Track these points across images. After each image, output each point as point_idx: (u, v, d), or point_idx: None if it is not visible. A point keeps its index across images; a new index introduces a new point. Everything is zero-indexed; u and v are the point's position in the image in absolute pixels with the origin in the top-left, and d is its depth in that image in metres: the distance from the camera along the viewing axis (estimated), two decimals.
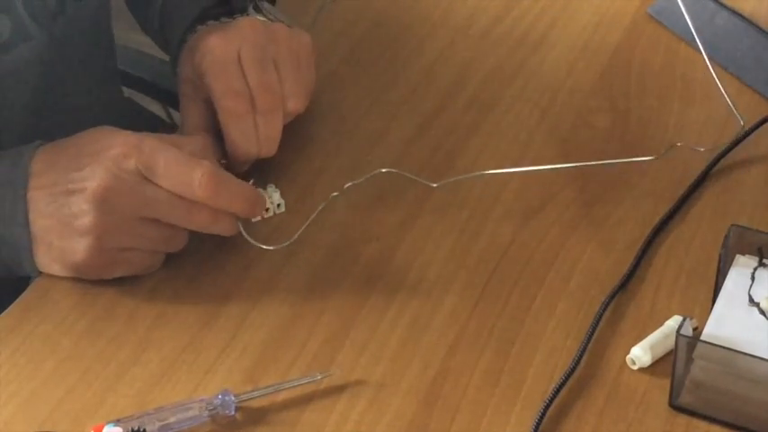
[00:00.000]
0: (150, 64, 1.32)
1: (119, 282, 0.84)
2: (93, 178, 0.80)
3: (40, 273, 0.84)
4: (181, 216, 0.82)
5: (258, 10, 1.01)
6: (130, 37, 1.20)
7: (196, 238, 0.89)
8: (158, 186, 0.80)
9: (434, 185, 0.93)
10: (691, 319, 0.78)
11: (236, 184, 0.83)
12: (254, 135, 0.89)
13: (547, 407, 0.76)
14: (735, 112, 1.01)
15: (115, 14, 1.10)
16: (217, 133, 0.90)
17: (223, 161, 0.89)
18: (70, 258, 0.81)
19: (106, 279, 0.84)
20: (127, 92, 1.33)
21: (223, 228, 0.84)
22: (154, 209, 0.81)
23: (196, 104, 0.92)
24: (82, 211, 0.80)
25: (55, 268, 0.83)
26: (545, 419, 0.76)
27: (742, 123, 1.00)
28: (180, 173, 0.80)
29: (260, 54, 0.89)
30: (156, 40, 1.08)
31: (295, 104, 0.91)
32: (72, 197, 0.80)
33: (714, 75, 1.05)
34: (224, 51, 0.89)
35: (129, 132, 0.82)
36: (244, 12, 0.99)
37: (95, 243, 0.80)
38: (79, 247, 0.81)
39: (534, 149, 0.99)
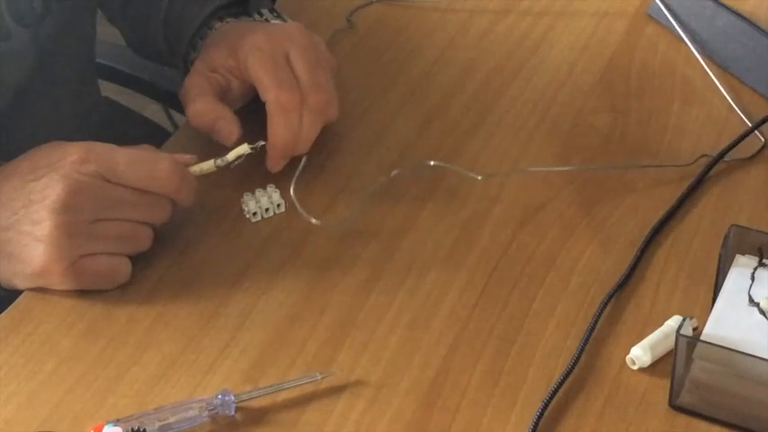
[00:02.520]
0: (150, 64, 1.32)
1: None
2: (54, 186, 0.79)
3: (5, 289, 0.84)
4: (143, 212, 0.82)
5: (273, 11, 1.01)
6: None
7: (196, 238, 0.89)
8: (120, 185, 0.81)
9: (479, 178, 0.93)
10: (691, 319, 0.78)
11: (190, 173, 0.85)
12: (299, 130, 0.91)
13: (545, 407, 0.76)
14: (737, 111, 1.01)
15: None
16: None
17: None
18: (30, 267, 0.81)
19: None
20: (127, 92, 1.33)
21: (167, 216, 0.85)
22: (116, 209, 0.81)
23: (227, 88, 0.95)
24: (42, 218, 0.79)
25: (16, 282, 0.83)
26: (546, 419, 0.76)
27: (748, 123, 1.00)
28: (143, 168, 0.81)
29: (309, 57, 0.92)
30: (150, 45, 1.08)
31: (334, 112, 0.94)
32: (32, 207, 0.80)
33: (712, 76, 1.06)
34: (273, 49, 0.92)
35: (79, 141, 0.83)
36: (258, 11, 1.00)
37: (54, 248, 0.79)
38: (37, 254, 0.80)
39: (534, 149, 0.99)
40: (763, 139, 0.99)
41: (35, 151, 0.84)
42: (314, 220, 0.88)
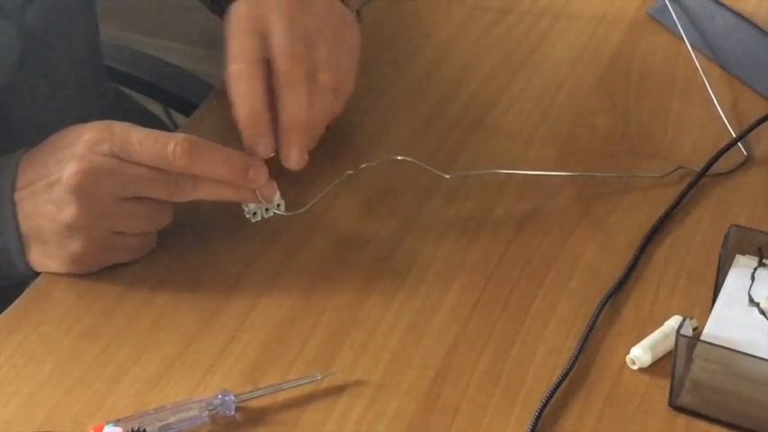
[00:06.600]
0: (149, 64, 1.32)
1: (118, 282, 0.85)
2: (69, 167, 0.80)
3: (37, 274, 0.85)
4: (162, 188, 0.82)
5: None
6: (128, 36, 1.19)
7: (196, 238, 0.89)
8: (135, 164, 0.81)
9: (447, 176, 0.93)
10: (691, 319, 0.78)
11: (216, 149, 0.83)
12: (262, 102, 0.86)
13: (543, 406, 0.76)
14: (725, 121, 1.01)
15: (113, 15, 1.10)
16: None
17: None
18: (67, 252, 0.82)
19: (105, 278, 0.84)
20: (127, 92, 1.33)
21: (209, 193, 0.83)
22: (135, 186, 0.81)
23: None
24: (63, 202, 0.80)
25: (52, 266, 0.84)
26: (545, 419, 0.76)
27: (732, 133, 0.99)
28: (154, 145, 0.81)
29: (288, 23, 0.88)
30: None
31: (332, 78, 0.89)
32: (52, 189, 0.81)
33: (712, 76, 1.06)
34: (247, 16, 0.89)
35: (98, 121, 0.83)
36: None
37: (86, 232, 0.81)
38: (73, 240, 0.81)
39: (534, 149, 0.99)
40: (745, 153, 0.98)
41: (56, 135, 0.84)
42: (277, 210, 0.88)
